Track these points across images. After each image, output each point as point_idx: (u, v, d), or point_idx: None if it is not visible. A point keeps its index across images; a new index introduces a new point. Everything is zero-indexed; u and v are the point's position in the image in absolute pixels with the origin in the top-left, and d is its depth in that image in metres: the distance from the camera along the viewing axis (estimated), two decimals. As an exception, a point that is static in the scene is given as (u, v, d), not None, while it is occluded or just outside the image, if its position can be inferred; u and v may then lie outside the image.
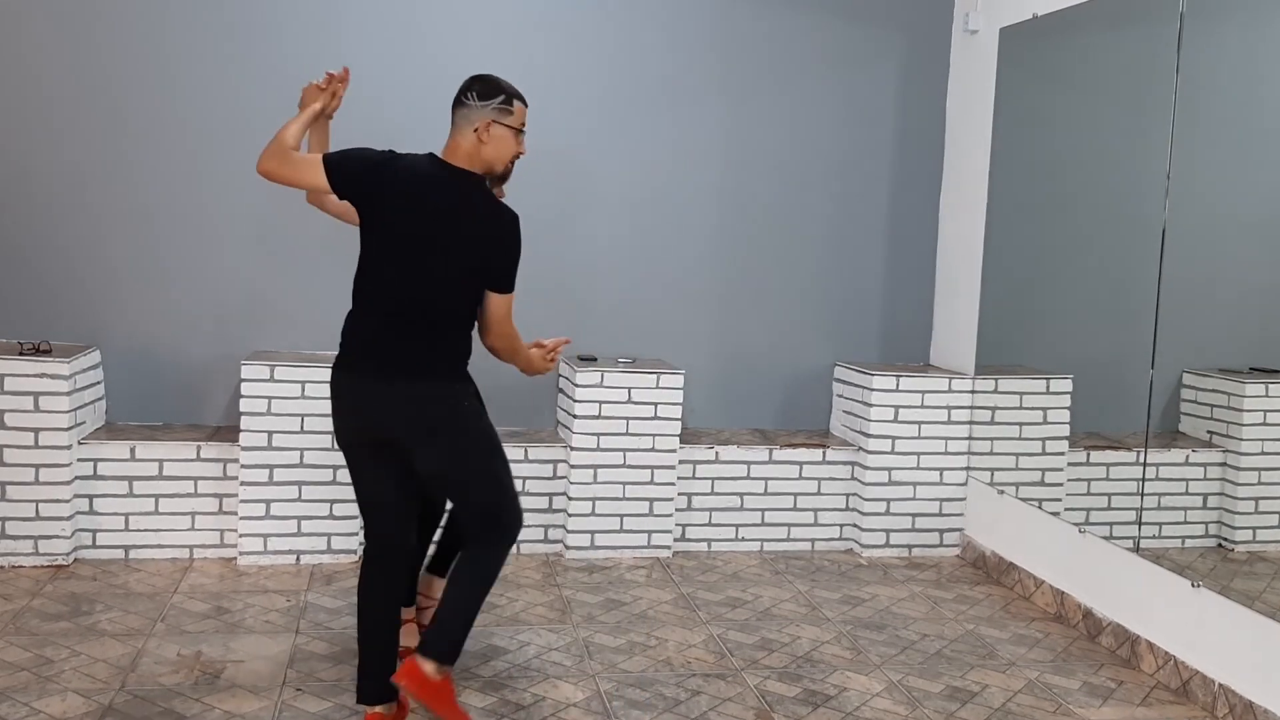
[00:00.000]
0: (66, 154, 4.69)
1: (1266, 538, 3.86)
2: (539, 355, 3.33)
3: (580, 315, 5.05)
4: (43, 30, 4.63)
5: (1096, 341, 4.51)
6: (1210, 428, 4.04)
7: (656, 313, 5.19)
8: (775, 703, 3.48)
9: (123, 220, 4.76)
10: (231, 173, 4.81)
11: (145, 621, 3.89)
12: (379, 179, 3.04)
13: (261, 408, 4.48)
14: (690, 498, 4.97)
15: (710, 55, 5.14)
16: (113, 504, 4.48)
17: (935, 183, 5.42)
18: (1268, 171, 3.86)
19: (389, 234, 3.05)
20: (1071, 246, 4.66)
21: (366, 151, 3.08)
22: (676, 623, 4.12)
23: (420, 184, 3.04)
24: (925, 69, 5.36)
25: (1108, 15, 4.29)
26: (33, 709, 3.19)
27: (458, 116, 3.09)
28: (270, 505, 4.51)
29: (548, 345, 3.35)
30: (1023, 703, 3.56)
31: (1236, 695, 3.45)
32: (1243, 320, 4.03)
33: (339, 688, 3.42)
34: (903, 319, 5.45)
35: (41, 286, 4.71)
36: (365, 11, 4.85)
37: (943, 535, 5.11)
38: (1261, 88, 3.91)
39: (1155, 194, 3.90)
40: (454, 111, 3.11)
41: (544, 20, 5.00)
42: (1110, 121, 4.46)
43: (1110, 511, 4.21)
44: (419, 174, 3.06)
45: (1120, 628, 4.00)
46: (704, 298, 5.24)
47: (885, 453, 5.02)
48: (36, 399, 4.29)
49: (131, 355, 4.78)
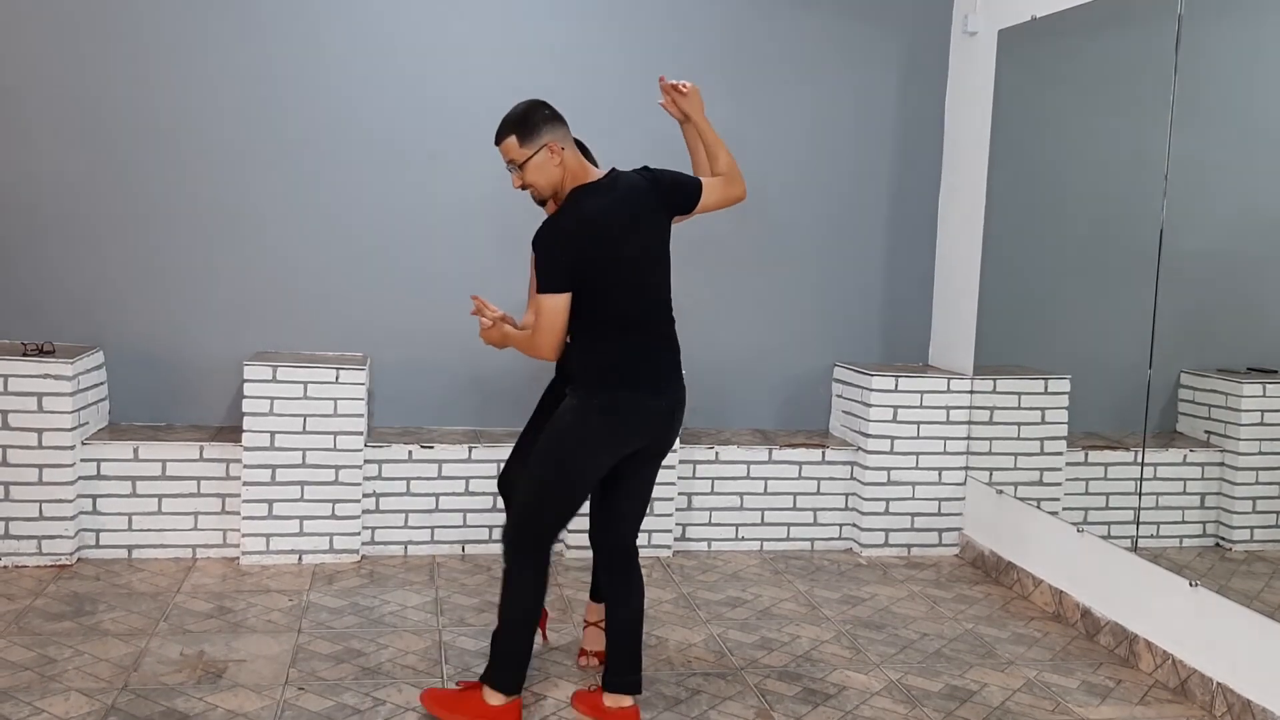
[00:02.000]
0: (69, 156, 4.71)
1: (1264, 537, 3.87)
2: None
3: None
4: (43, 33, 4.65)
5: (1095, 342, 4.52)
6: (1208, 428, 4.05)
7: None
8: (775, 701, 3.49)
9: (125, 222, 4.77)
10: (234, 174, 4.83)
11: (148, 621, 3.91)
12: (577, 247, 3.05)
13: (264, 408, 4.49)
14: (690, 497, 4.99)
15: (710, 57, 5.15)
16: (116, 504, 4.50)
17: (934, 184, 5.43)
18: (1266, 172, 3.87)
19: (623, 269, 3.12)
20: (1070, 247, 4.67)
21: (543, 250, 3.06)
22: (677, 622, 4.14)
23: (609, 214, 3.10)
24: (924, 70, 5.38)
25: (1106, 17, 4.31)
26: (36, 708, 3.21)
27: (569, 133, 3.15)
28: (272, 505, 4.53)
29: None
30: (1021, 701, 3.58)
31: (1234, 694, 3.47)
32: (1240, 321, 4.03)
33: (340, 687, 3.44)
34: (902, 319, 5.47)
35: (45, 288, 4.73)
36: (366, 22, 4.86)
37: (941, 535, 5.12)
38: (1259, 88, 3.92)
39: (1153, 195, 3.92)
40: (566, 127, 3.14)
41: (544, 21, 5.01)
42: (1108, 123, 4.47)
43: (1108, 511, 4.23)
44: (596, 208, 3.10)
45: (1118, 627, 4.02)
46: (704, 297, 5.25)
47: (884, 453, 5.03)
48: (40, 400, 4.31)
49: (134, 356, 4.80)
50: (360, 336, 4.94)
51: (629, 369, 3.12)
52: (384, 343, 4.95)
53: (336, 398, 4.55)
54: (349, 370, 4.56)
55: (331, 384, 4.54)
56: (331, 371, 4.55)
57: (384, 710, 3.30)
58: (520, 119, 3.08)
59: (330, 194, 4.91)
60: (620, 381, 3.11)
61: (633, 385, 3.12)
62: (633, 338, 3.14)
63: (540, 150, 3.06)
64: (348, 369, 4.56)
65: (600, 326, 3.12)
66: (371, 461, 4.67)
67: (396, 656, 3.69)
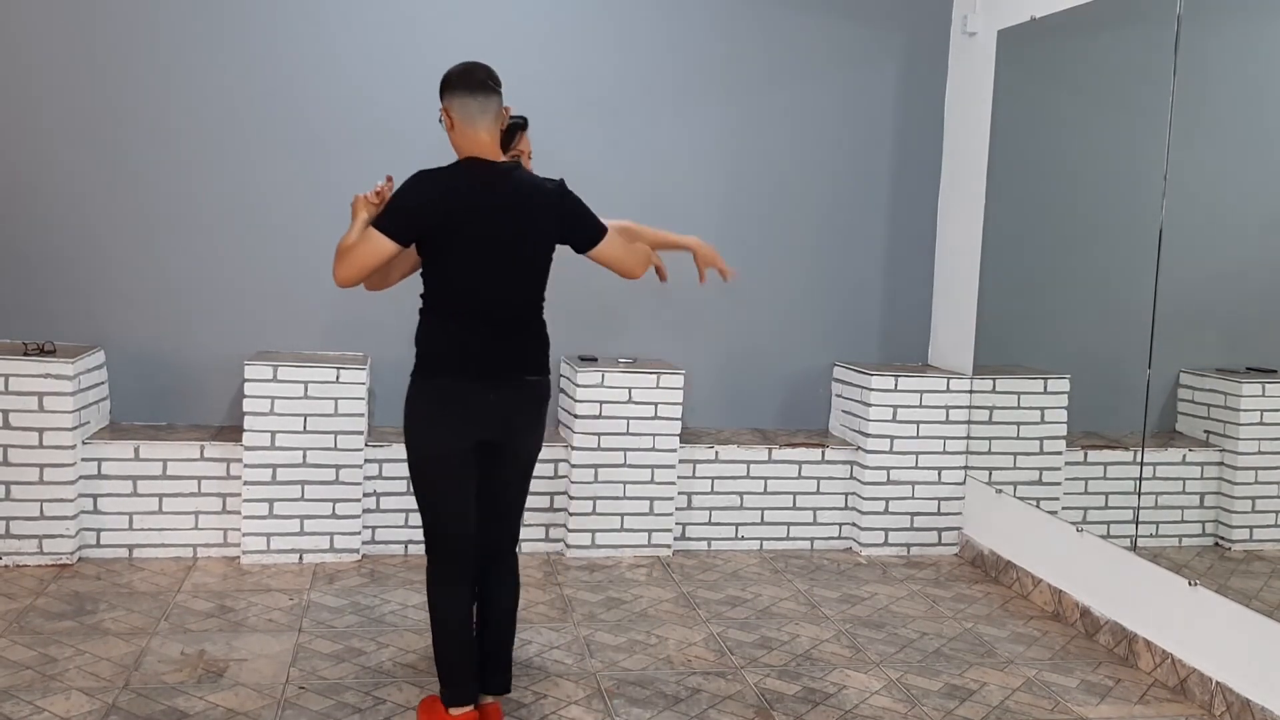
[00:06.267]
0: (70, 156, 4.71)
1: (1263, 537, 3.88)
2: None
3: (581, 315, 5.08)
4: (44, 33, 4.65)
5: (1094, 341, 4.53)
6: (1207, 427, 4.06)
7: (656, 313, 5.21)
8: (775, 701, 3.50)
9: (127, 221, 4.78)
10: (235, 174, 4.84)
11: (149, 620, 3.91)
12: (433, 205, 2.98)
13: (264, 408, 4.50)
14: (690, 497, 4.99)
15: (710, 56, 5.16)
16: (117, 503, 4.50)
17: (934, 184, 5.44)
18: (1265, 172, 3.88)
19: (470, 250, 3.02)
20: (1069, 247, 4.67)
21: (400, 194, 3.01)
22: (677, 621, 4.14)
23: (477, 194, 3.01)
24: (924, 71, 5.38)
25: (1105, 17, 4.31)
26: (37, 707, 3.21)
27: (487, 105, 3.02)
28: (273, 504, 4.54)
29: None
30: (1021, 700, 3.58)
31: (1233, 693, 3.47)
32: (1240, 320, 4.04)
33: (341, 686, 3.45)
34: (901, 319, 5.47)
35: (46, 287, 4.73)
36: (364, 17, 4.86)
37: (941, 534, 5.13)
38: (1258, 89, 3.93)
39: (1153, 195, 3.92)
40: (478, 100, 3.01)
41: (544, 21, 5.02)
42: (1108, 123, 4.47)
43: (1108, 510, 4.23)
44: (469, 184, 3.02)
45: (1118, 626, 4.02)
46: (704, 298, 5.25)
47: (884, 452, 5.04)
48: (41, 399, 4.31)
49: (135, 355, 4.80)
50: (360, 336, 4.95)
51: (456, 356, 3.04)
52: (384, 343, 4.95)
53: (337, 397, 4.55)
54: (349, 370, 4.57)
55: (332, 384, 4.55)
56: (332, 371, 4.55)
57: (384, 710, 3.31)
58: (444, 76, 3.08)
59: (331, 194, 4.90)
60: (444, 367, 3.05)
61: (456, 373, 3.04)
62: (470, 326, 3.04)
63: (441, 111, 3.06)
64: (348, 369, 4.57)
65: (440, 309, 3.06)
66: (372, 461, 4.68)
67: (397, 656, 3.69)
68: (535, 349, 3.17)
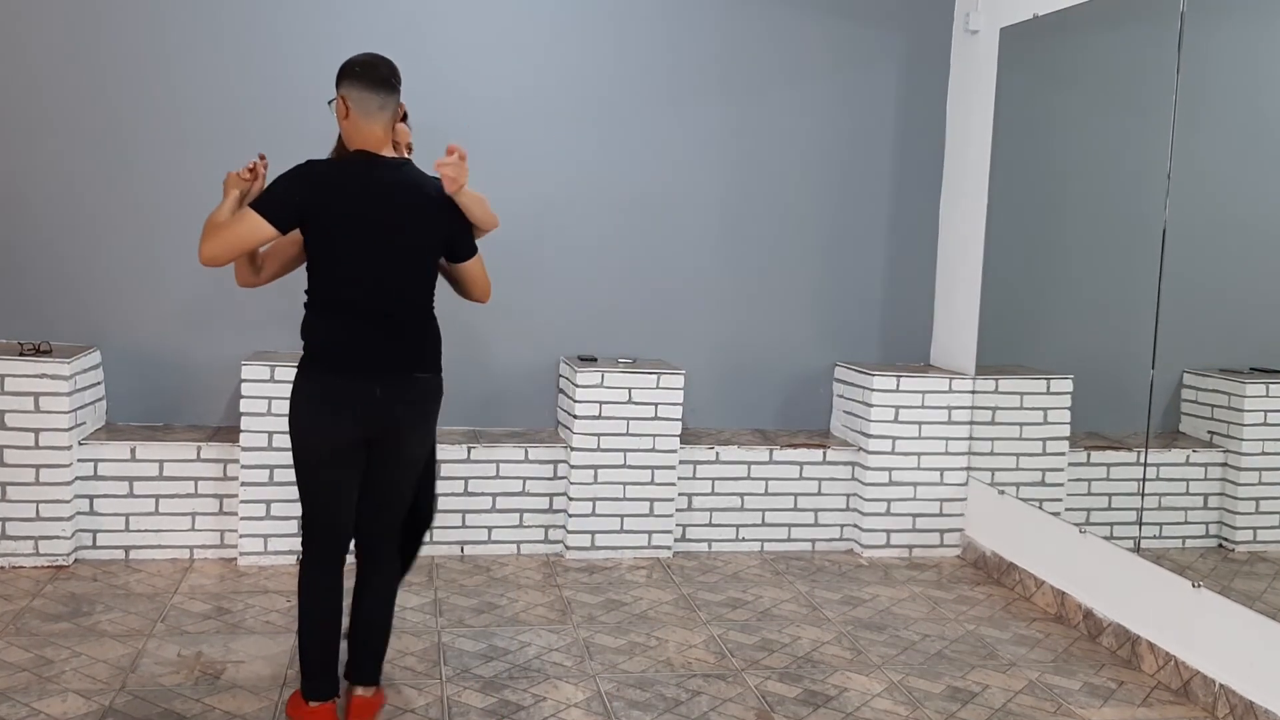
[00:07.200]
0: (66, 155, 4.69)
1: (1267, 538, 3.86)
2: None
3: (581, 315, 5.06)
4: (43, 33, 4.64)
5: (1097, 342, 4.51)
6: (1211, 428, 4.04)
7: (656, 313, 5.19)
8: (776, 703, 3.48)
9: (123, 221, 4.76)
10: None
11: (145, 622, 3.89)
12: (317, 194, 2.98)
13: (262, 408, 4.48)
14: (690, 498, 4.97)
15: (711, 55, 5.14)
16: (113, 504, 4.48)
17: (935, 183, 5.42)
18: (1268, 171, 3.86)
19: (353, 243, 3.01)
20: (1072, 246, 4.66)
21: (285, 179, 3.01)
22: (677, 623, 4.12)
23: (365, 186, 3.01)
24: (925, 69, 5.36)
25: (1108, 15, 4.29)
26: (33, 709, 3.19)
27: (386, 102, 3.03)
28: (270, 506, 4.52)
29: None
30: (1023, 703, 3.56)
31: (1237, 695, 3.45)
32: (1243, 320, 4.02)
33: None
34: (903, 319, 5.45)
35: (42, 287, 4.71)
36: (365, 19, 4.84)
37: (943, 535, 5.10)
38: (1262, 87, 3.91)
39: (1156, 194, 3.90)
40: (379, 97, 3.02)
41: (545, 21, 5.00)
42: (1110, 121, 4.46)
43: (1111, 512, 4.21)
44: (357, 176, 3.02)
45: (1121, 628, 4.00)
46: (704, 298, 5.24)
47: (886, 453, 5.02)
48: (37, 399, 4.29)
49: (132, 356, 4.78)
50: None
51: (339, 350, 3.04)
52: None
53: (335, 398, 4.53)
54: (348, 370, 4.55)
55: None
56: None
57: (383, 710, 3.28)
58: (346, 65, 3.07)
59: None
60: (326, 361, 3.05)
61: (340, 367, 3.03)
62: (350, 321, 3.03)
63: (338, 98, 3.06)
64: (346, 369, 4.55)
65: (324, 303, 3.06)
66: (370, 462, 4.66)
67: (395, 657, 3.67)
68: (424, 345, 3.15)
